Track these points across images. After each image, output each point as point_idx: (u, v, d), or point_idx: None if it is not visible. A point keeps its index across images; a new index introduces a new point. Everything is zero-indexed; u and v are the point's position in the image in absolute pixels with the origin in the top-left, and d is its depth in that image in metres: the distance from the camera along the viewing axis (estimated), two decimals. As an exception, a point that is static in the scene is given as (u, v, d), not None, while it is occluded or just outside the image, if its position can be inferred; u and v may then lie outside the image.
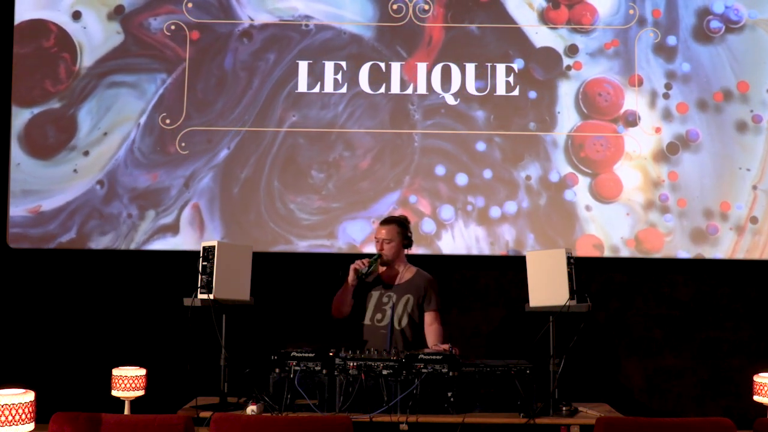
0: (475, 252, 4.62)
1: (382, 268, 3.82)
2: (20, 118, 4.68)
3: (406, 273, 3.82)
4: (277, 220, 4.63)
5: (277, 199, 4.64)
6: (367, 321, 3.77)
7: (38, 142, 4.67)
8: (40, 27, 4.72)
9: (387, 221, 3.85)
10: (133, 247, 4.62)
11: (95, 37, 4.72)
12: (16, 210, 4.62)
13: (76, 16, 4.72)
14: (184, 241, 4.62)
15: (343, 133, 4.67)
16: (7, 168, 4.66)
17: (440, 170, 4.65)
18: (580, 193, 4.62)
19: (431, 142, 4.66)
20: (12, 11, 4.74)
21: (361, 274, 3.68)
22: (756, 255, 4.59)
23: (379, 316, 3.75)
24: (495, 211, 4.62)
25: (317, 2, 4.73)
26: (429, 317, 3.77)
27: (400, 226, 3.80)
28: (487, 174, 4.64)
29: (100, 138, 4.67)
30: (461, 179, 4.64)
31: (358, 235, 4.63)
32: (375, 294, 3.78)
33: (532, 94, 4.68)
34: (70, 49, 4.71)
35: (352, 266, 3.70)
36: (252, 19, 4.70)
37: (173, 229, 4.63)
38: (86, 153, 4.66)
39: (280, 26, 4.72)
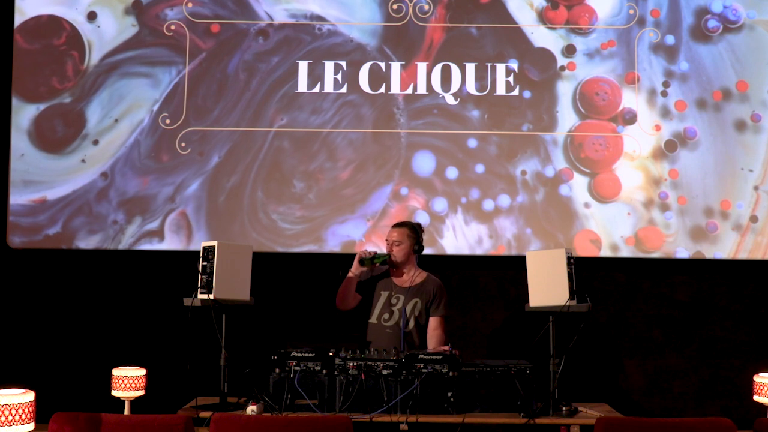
0: (475, 246, 4.60)
1: (383, 267, 3.83)
2: (26, 112, 4.67)
3: (417, 277, 3.83)
4: (260, 230, 4.61)
5: (259, 209, 4.63)
6: (373, 320, 3.79)
7: (47, 135, 4.67)
8: (53, 24, 4.71)
9: (399, 224, 3.89)
10: (120, 249, 4.62)
11: (108, 33, 4.70)
12: (19, 199, 4.62)
13: (92, 16, 4.71)
14: (169, 247, 4.61)
15: (327, 143, 4.66)
16: (8, 161, 4.66)
17: (433, 165, 4.64)
18: (578, 190, 4.62)
19: (427, 140, 4.66)
20: (12, 6, 4.73)
21: (364, 259, 3.71)
22: (758, 255, 4.59)
23: (386, 316, 3.76)
24: (489, 204, 4.61)
25: (321, 2, 4.72)
26: (434, 322, 3.77)
27: (410, 230, 3.83)
28: (480, 169, 4.63)
29: (111, 126, 4.67)
30: (452, 173, 4.63)
31: (355, 233, 4.62)
32: (384, 294, 3.80)
33: (531, 94, 4.69)
34: (79, 48, 4.71)
35: (358, 253, 3.74)
36: (271, 18, 4.68)
37: (159, 235, 4.62)
38: (96, 142, 4.66)
39: (294, 27, 4.71)
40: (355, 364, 3.21)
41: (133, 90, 4.69)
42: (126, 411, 3.50)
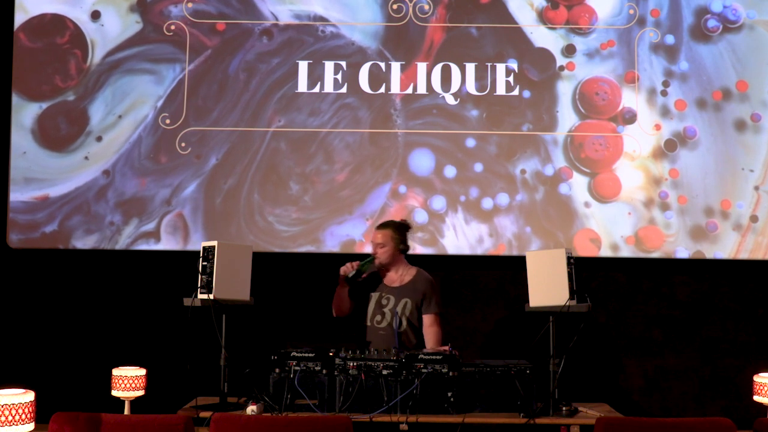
0: (476, 245, 4.60)
1: (374, 267, 3.80)
2: (28, 111, 4.67)
3: (405, 276, 3.80)
4: (257, 233, 4.61)
5: (256, 211, 4.62)
6: (368, 322, 3.78)
7: (50, 134, 4.67)
8: (57, 23, 4.72)
9: (382, 226, 3.84)
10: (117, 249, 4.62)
11: (111, 31, 4.71)
12: (21, 197, 4.62)
13: (95, 15, 4.71)
14: (166, 249, 4.61)
15: (324, 145, 4.65)
16: (8, 159, 4.66)
17: (432, 164, 4.64)
18: (578, 189, 4.62)
19: (425, 139, 4.66)
20: (12, 4, 4.73)
21: (347, 277, 3.67)
22: (759, 255, 4.58)
23: (378, 317, 3.75)
24: (488, 203, 4.61)
25: (325, 2, 4.72)
26: (428, 320, 3.75)
27: (394, 231, 3.77)
28: (479, 168, 4.63)
29: (115, 122, 4.67)
30: (451, 172, 4.63)
31: (355, 233, 4.62)
32: (374, 296, 3.78)
33: (531, 94, 4.68)
34: (82, 47, 4.71)
35: (341, 269, 3.69)
36: (276, 17, 4.68)
37: (155, 236, 4.62)
38: (99, 138, 4.66)
39: (297, 28, 4.69)
40: (355, 364, 3.21)
41: (137, 86, 4.70)
42: (126, 411, 3.50)
